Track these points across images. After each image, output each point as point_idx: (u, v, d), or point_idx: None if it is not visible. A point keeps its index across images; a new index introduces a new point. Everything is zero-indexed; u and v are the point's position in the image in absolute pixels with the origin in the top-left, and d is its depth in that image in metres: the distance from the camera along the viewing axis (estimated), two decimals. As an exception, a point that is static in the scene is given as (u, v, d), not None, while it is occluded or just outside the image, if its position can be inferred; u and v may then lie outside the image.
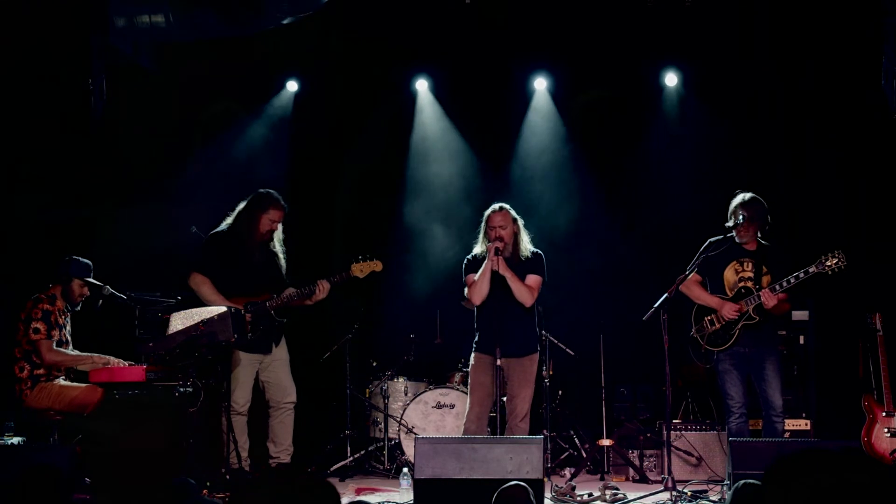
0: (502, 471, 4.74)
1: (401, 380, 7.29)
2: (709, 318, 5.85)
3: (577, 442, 7.22)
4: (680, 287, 5.76)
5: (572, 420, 7.37)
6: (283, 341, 6.23)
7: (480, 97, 8.19)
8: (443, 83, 8.38)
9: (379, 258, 6.21)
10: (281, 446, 6.14)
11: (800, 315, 7.01)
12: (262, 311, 5.99)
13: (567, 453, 7.16)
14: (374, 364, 7.51)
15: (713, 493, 5.75)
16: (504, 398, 5.81)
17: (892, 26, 6.39)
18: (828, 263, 5.50)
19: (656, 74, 8.17)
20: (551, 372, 7.21)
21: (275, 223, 6.14)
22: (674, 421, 6.85)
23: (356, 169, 8.21)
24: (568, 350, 7.22)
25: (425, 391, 7.04)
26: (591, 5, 7.48)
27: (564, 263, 7.27)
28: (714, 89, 7.94)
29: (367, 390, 7.41)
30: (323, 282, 6.07)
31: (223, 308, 5.60)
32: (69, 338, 6.11)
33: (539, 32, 7.69)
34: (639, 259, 7.84)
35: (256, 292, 6.03)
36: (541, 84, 8.33)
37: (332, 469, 6.92)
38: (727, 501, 3.66)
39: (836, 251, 5.50)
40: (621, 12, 7.46)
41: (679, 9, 7.34)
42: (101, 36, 6.32)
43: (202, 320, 5.49)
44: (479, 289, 5.73)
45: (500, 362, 5.55)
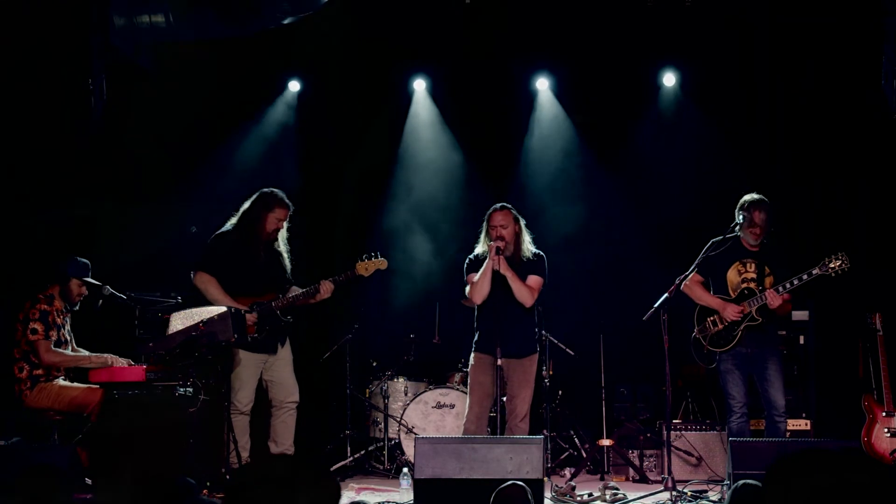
0: (502, 471, 4.74)
1: (401, 380, 7.29)
2: (711, 319, 5.85)
3: (577, 442, 7.22)
4: (682, 288, 5.76)
5: (572, 420, 7.37)
6: (287, 341, 6.22)
7: (480, 97, 8.19)
8: (443, 83, 8.38)
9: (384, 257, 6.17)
10: (282, 446, 6.13)
11: (800, 315, 7.01)
12: (268, 312, 5.97)
13: (567, 453, 7.16)
14: (374, 364, 7.51)
15: (713, 493, 5.76)
16: (504, 398, 5.81)
17: (892, 26, 6.38)
18: (831, 265, 5.50)
19: (655, 74, 8.17)
20: (551, 372, 7.21)
21: (281, 222, 6.10)
22: (674, 421, 6.85)
23: (357, 169, 8.22)
24: (568, 350, 7.22)
25: (425, 391, 7.04)
26: (592, 5, 7.48)
27: (565, 263, 7.27)
28: (713, 89, 7.94)
29: (367, 390, 7.40)
30: (326, 282, 6.01)
31: (223, 308, 5.59)
32: (69, 337, 6.10)
33: (539, 32, 7.69)
34: (639, 259, 7.84)
35: (262, 292, 6.02)
36: (542, 84, 8.34)
37: (332, 469, 6.92)
38: (726, 502, 3.66)
39: (840, 253, 5.50)
40: (621, 12, 7.46)
41: (679, 9, 7.34)
42: (101, 36, 6.31)
43: (202, 320, 5.48)
44: (480, 288, 5.73)
45: (500, 362, 5.55)
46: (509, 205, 5.91)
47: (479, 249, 5.92)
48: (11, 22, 6.01)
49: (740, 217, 5.77)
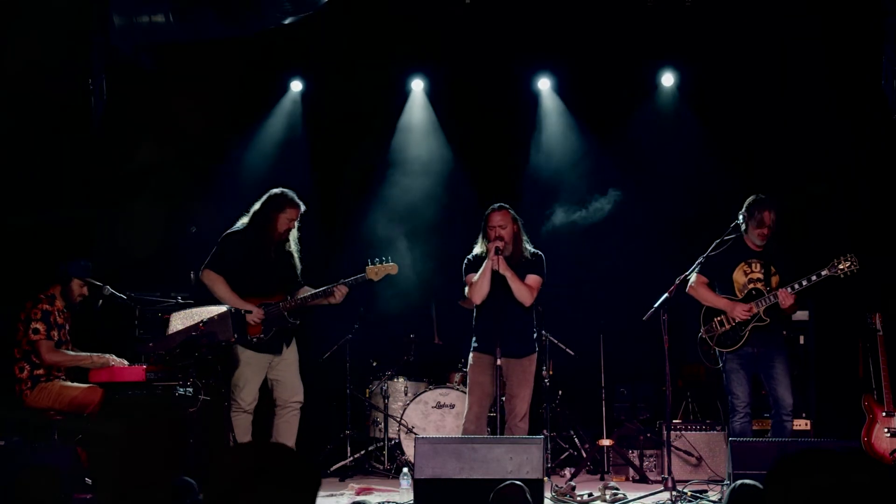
0: (502, 471, 4.74)
1: (401, 380, 7.29)
2: (718, 319, 5.84)
3: (577, 442, 7.22)
4: (687, 290, 5.77)
5: (572, 420, 7.37)
6: (294, 342, 6.21)
7: (479, 97, 8.19)
8: (442, 83, 8.38)
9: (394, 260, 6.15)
10: (284, 445, 6.12)
11: (800, 315, 7.00)
12: (276, 313, 5.97)
13: (567, 453, 7.16)
14: (374, 364, 7.51)
15: (713, 493, 5.76)
16: (503, 398, 5.81)
17: (892, 26, 6.38)
18: (840, 267, 5.51)
19: (655, 74, 8.18)
20: (551, 372, 7.21)
21: (292, 222, 6.08)
22: (674, 421, 6.84)
23: (357, 168, 8.22)
24: (568, 350, 7.21)
25: (425, 391, 7.04)
26: (592, 5, 7.48)
27: (565, 263, 7.27)
28: (713, 89, 7.94)
29: (367, 390, 7.40)
30: (341, 286, 5.99)
31: (223, 308, 5.59)
32: (69, 337, 6.11)
33: (539, 33, 7.69)
34: (639, 259, 7.83)
35: (271, 293, 6.01)
36: (545, 84, 8.34)
37: (332, 469, 6.93)
38: (724, 502, 3.66)
39: (849, 254, 5.51)
40: (621, 12, 7.46)
41: (679, 9, 7.34)
42: (101, 36, 6.32)
43: (202, 320, 5.49)
44: (480, 288, 5.73)
45: (500, 362, 5.55)
46: (507, 205, 5.91)
47: (478, 250, 5.92)
48: (11, 21, 6.01)
49: (742, 217, 5.77)
